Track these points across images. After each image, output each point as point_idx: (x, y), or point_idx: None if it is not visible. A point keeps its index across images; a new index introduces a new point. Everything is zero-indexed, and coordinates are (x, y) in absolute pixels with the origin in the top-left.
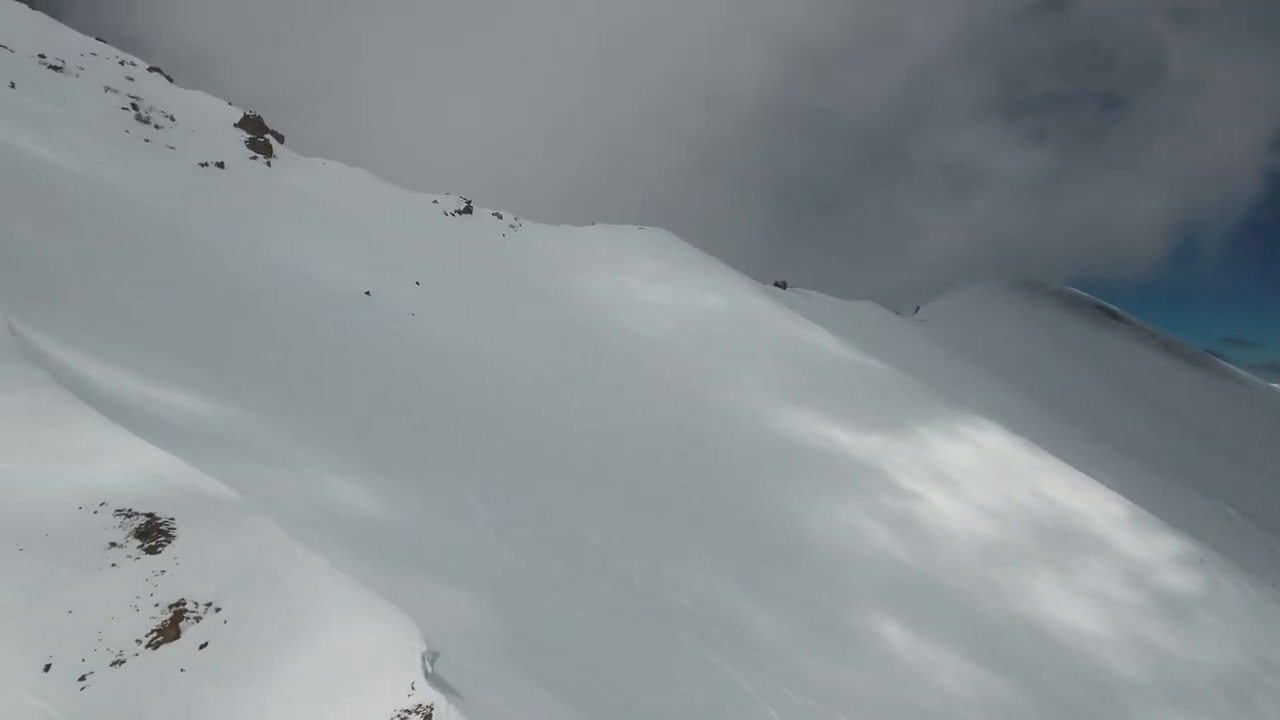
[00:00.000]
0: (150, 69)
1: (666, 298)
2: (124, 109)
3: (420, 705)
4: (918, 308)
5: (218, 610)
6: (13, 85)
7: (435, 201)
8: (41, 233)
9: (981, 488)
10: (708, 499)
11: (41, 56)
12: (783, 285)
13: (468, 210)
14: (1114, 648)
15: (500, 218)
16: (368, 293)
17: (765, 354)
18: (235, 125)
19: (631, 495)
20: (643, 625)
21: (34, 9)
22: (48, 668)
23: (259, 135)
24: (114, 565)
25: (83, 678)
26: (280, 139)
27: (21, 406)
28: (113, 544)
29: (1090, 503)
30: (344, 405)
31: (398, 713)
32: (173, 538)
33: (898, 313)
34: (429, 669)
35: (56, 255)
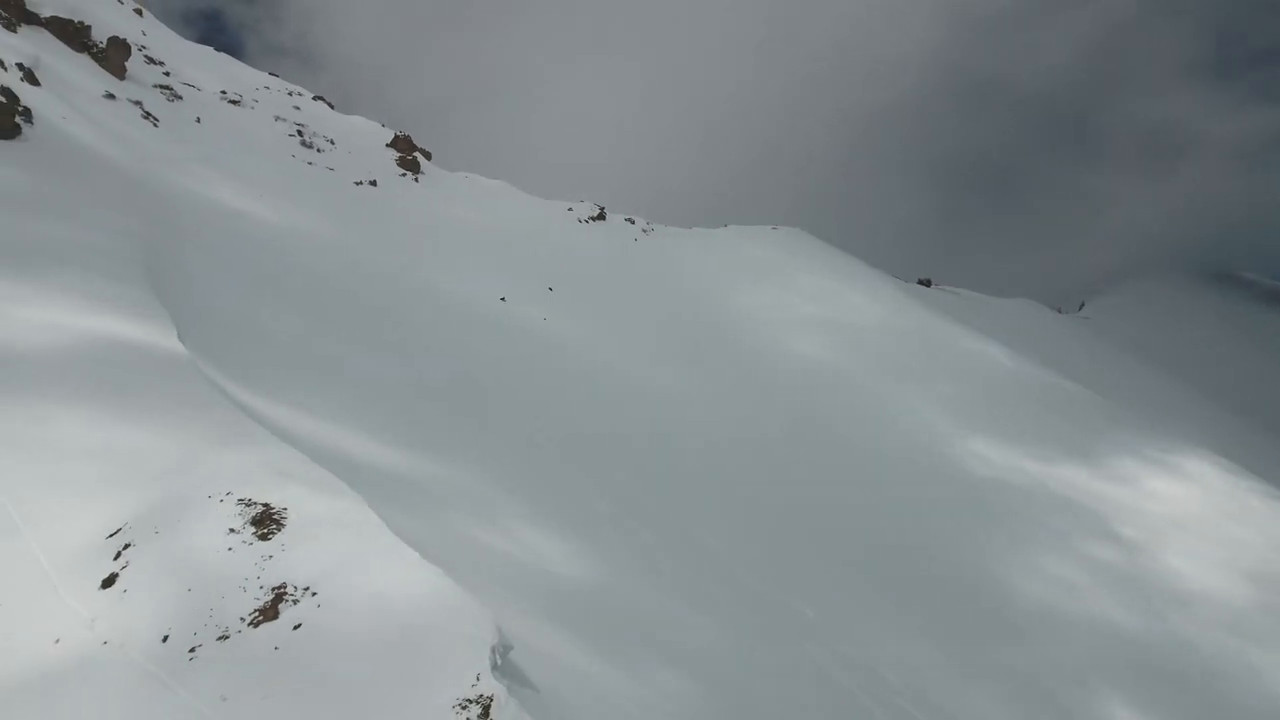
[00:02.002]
0: (315, 98)
1: (816, 308)
2: (291, 135)
3: (481, 695)
4: (1082, 304)
5: (314, 595)
6: (198, 120)
7: (570, 209)
8: (218, 271)
9: (1217, 539)
10: (891, 546)
11: (223, 92)
12: (926, 283)
13: (601, 217)
14: None
15: (633, 223)
16: (503, 299)
17: (935, 373)
18: (387, 145)
19: (802, 538)
20: (847, 703)
21: (219, 51)
22: (165, 639)
23: (408, 154)
24: (230, 549)
25: (192, 650)
26: (428, 156)
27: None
28: (231, 530)
29: None
30: (490, 425)
31: (459, 700)
32: (283, 526)
33: (1059, 310)
34: (498, 661)
35: (237, 295)
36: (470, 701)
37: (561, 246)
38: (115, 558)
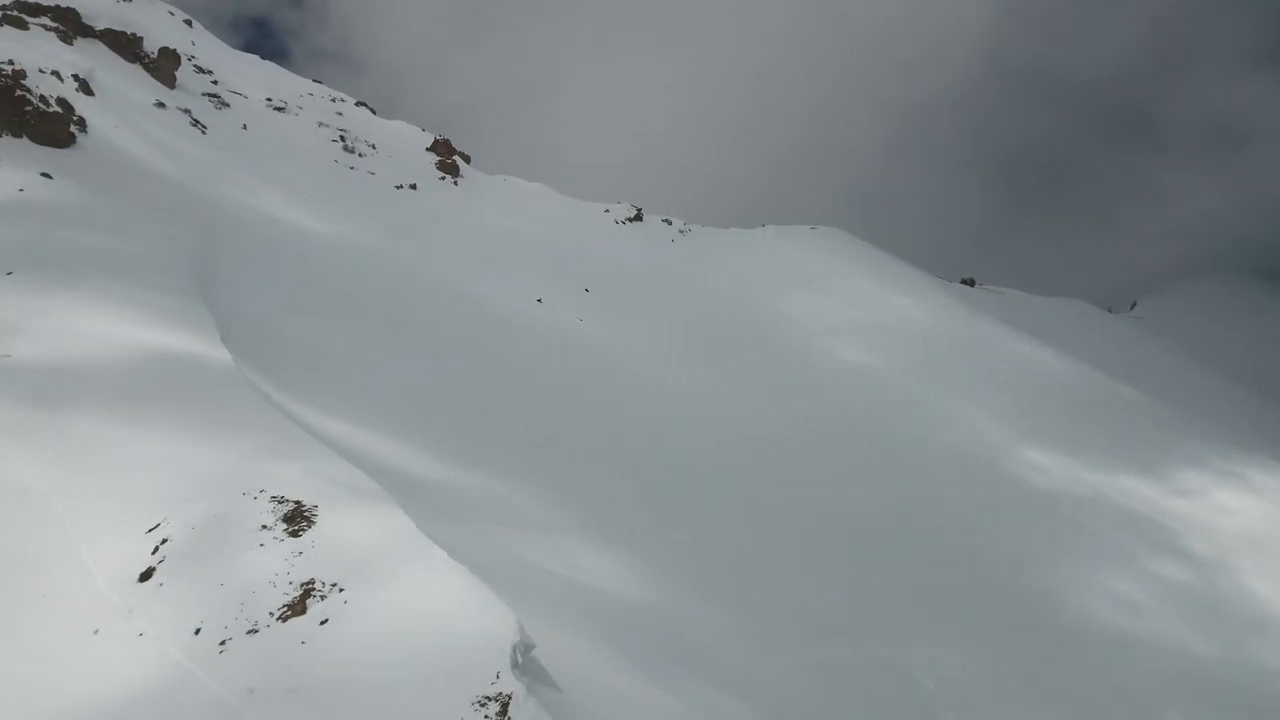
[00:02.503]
0: (357, 104)
1: (858, 311)
2: (333, 141)
3: (500, 694)
4: (1134, 303)
5: (341, 591)
6: (244, 127)
7: (607, 210)
8: (254, 277)
9: None
10: (941, 559)
11: (269, 100)
12: (970, 283)
13: (638, 218)
14: None
15: (670, 224)
16: (539, 300)
17: (985, 379)
18: (427, 149)
19: (844, 548)
20: None
21: (265, 59)
22: (198, 631)
23: (447, 157)
24: (262, 545)
25: (223, 642)
26: (467, 159)
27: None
28: (264, 526)
29: None
30: (522, 430)
31: (479, 698)
32: (314, 523)
33: (1109, 310)
34: (519, 660)
35: (273, 302)
36: (489, 699)
37: (598, 248)
38: (153, 552)
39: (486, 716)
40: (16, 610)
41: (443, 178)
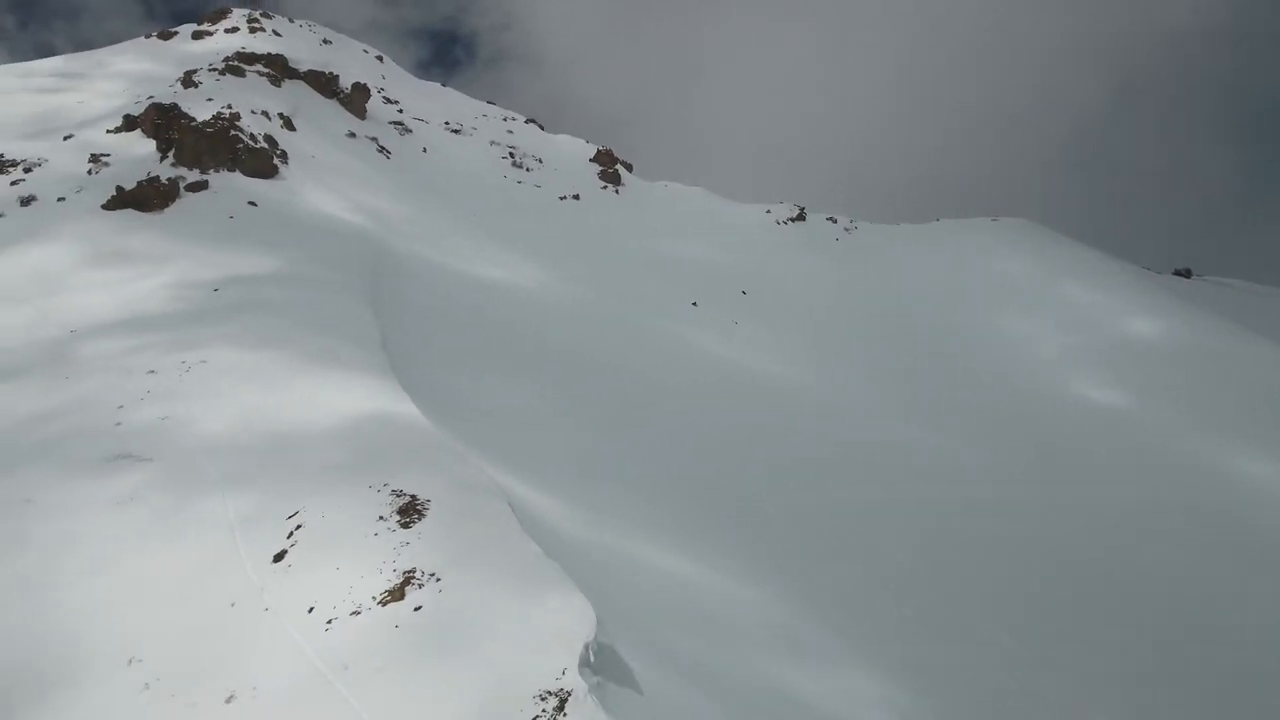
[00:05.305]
0: (527, 121)
1: (1077, 332)
2: (503, 158)
3: (562, 690)
4: None
5: (438, 580)
6: (424, 150)
7: (768, 211)
8: (439, 329)
9: None
10: (1244, 674)
11: (447, 123)
12: (1185, 274)
13: (800, 218)
14: None
15: (834, 222)
16: (695, 304)
17: (1252, 416)
18: (590, 160)
19: (1145, 669)
20: None
21: (445, 86)
22: (311, 610)
23: (609, 167)
24: (375, 535)
25: (329, 621)
26: (629, 168)
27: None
28: (380, 518)
29: None
30: (724, 492)
31: (540, 692)
32: (424, 516)
33: None
34: (590, 659)
35: (465, 365)
36: (550, 694)
37: (757, 248)
38: (288, 536)
39: (545, 710)
40: (180, 583)
41: (604, 187)
